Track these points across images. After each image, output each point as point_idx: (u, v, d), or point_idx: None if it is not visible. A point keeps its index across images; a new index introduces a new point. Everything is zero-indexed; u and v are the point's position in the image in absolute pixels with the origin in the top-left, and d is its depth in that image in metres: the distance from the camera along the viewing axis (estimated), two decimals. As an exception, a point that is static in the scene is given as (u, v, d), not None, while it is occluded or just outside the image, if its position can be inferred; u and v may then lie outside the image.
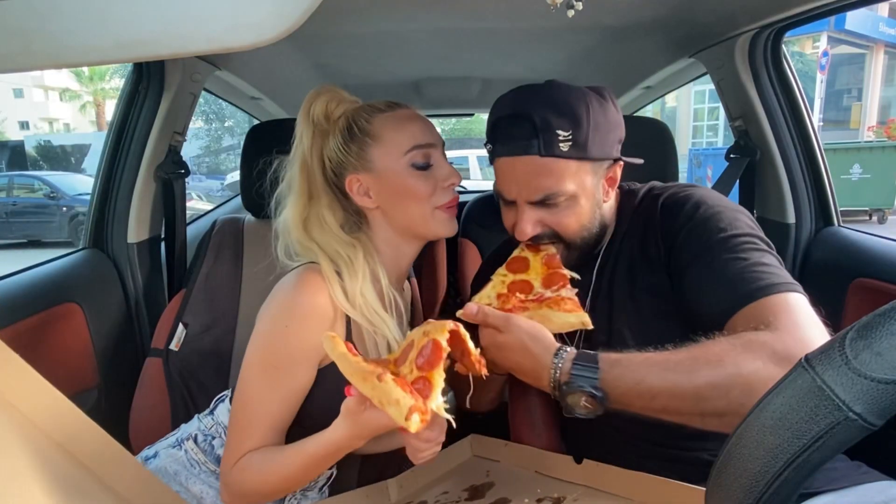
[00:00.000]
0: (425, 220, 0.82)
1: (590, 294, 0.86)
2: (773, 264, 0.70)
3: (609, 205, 0.87)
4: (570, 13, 0.74)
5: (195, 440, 0.87)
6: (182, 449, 0.87)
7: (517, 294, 0.74)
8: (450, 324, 0.61)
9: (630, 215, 0.86)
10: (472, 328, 0.71)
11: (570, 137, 0.73)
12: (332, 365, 0.75)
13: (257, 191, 0.88)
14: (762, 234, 0.75)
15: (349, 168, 0.81)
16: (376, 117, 0.81)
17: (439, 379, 0.57)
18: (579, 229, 0.81)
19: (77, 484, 0.53)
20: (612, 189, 0.84)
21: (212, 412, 0.91)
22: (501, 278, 0.76)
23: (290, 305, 0.74)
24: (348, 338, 0.78)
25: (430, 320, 0.65)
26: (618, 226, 0.87)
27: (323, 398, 0.77)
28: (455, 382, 0.98)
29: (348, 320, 0.78)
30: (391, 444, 0.85)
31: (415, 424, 0.53)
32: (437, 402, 0.56)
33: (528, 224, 0.79)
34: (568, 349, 0.68)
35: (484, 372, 0.64)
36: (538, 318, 0.71)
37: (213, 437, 0.87)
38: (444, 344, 0.59)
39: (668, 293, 0.77)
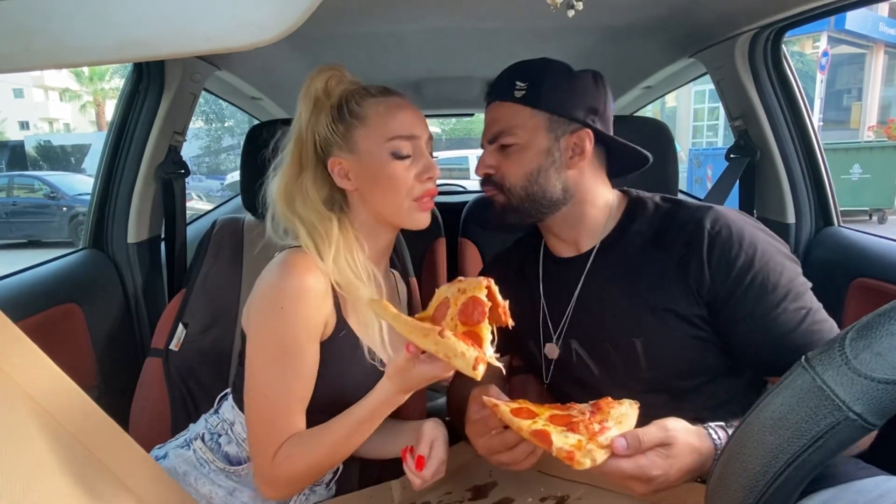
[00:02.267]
0: (399, 211, 0.82)
1: (580, 286, 0.85)
2: (825, 318, 0.74)
3: (597, 190, 0.86)
4: (571, 13, 0.74)
5: (203, 439, 0.87)
6: (191, 449, 0.87)
7: (574, 416, 0.65)
8: (484, 280, 0.65)
9: (649, 222, 0.84)
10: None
11: (525, 87, 0.82)
12: (331, 339, 0.78)
13: (257, 191, 0.88)
14: (801, 270, 0.77)
15: (334, 148, 0.82)
16: (367, 101, 0.82)
17: (487, 332, 0.61)
18: (522, 178, 0.83)
19: (89, 476, 0.53)
20: (581, 158, 0.83)
21: (216, 411, 0.90)
22: (551, 426, 0.63)
23: (280, 288, 0.74)
24: (338, 313, 0.79)
25: (461, 278, 0.67)
26: (628, 226, 0.85)
27: (327, 372, 0.77)
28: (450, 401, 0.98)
29: (335, 297, 0.79)
30: (392, 451, 0.85)
31: (481, 373, 0.57)
32: (489, 352, 0.60)
33: (483, 161, 0.87)
34: (712, 426, 0.66)
35: (510, 322, 0.65)
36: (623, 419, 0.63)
37: (220, 435, 0.87)
38: (485, 299, 0.63)
39: (705, 323, 0.77)
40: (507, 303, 0.66)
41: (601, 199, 0.87)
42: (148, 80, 1.27)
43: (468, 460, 0.87)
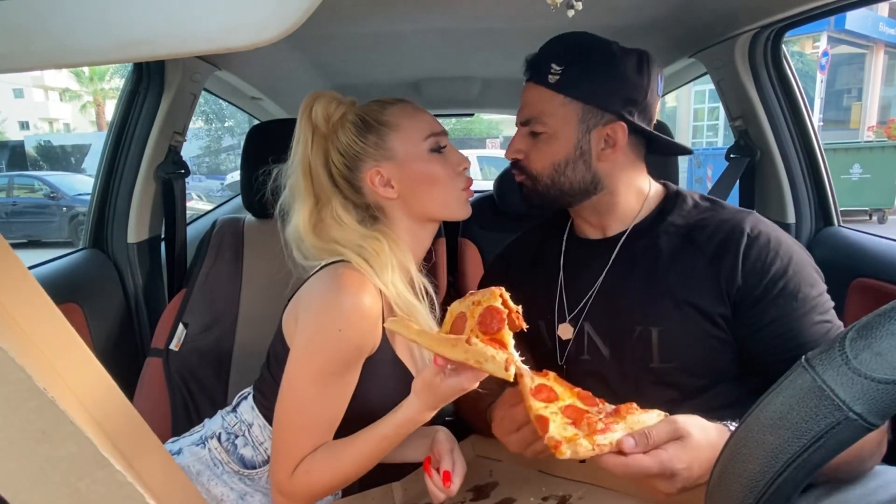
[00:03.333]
0: (449, 204, 0.83)
1: (605, 270, 0.84)
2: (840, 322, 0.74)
3: (630, 180, 0.85)
4: (571, 13, 0.74)
5: (219, 438, 0.86)
6: (206, 447, 0.86)
7: (589, 413, 0.63)
8: (497, 290, 0.65)
9: (686, 217, 0.83)
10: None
11: (560, 72, 0.79)
12: (375, 355, 0.77)
13: (257, 191, 0.88)
14: (824, 285, 0.77)
15: (367, 160, 0.81)
16: (388, 109, 0.82)
17: (509, 337, 0.62)
18: (549, 166, 0.82)
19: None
20: (614, 151, 0.81)
21: (234, 409, 0.89)
22: (558, 416, 0.63)
23: (339, 308, 0.72)
24: (383, 344, 0.78)
25: (473, 291, 0.67)
26: (663, 217, 0.84)
27: (365, 388, 0.77)
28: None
29: (382, 328, 0.78)
30: (400, 456, 0.85)
31: (512, 374, 0.58)
32: (515, 355, 0.60)
33: (513, 145, 0.86)
34: (731, 424, 0.66)
35: (524, 326, 0.65)
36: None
37: (237, 436, 0.86)
38: (502, 307, 0.63)
39: (726, 323, 0.76)
40: (519, 307, 0.66)
41: (634, 187, 0.86)
42: (148, 80, 1.27)
43: (469, 461, 0.87)
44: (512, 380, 0.58)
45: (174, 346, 1.13)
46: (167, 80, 1.27)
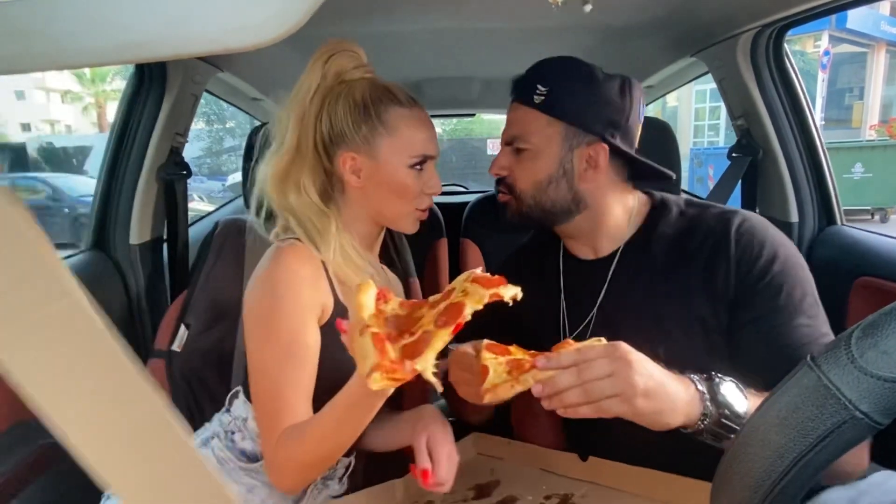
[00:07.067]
0: (399, 216, 0.85)
1: (603, 291, 0.84)
2: (828, 332, 0.73)
3: (613, 200, 0.85)
4: (588, 8, 0.74)
5: (219, 438, 0.87)
6: (208, 447, 0.87)
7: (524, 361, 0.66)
8: (486, 297, 0.56)
9: (674, 226, 0.82)
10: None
11: (545, 93, 0.81)
12: (329, 324, 0.77)
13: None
14: (812, 286, 0.76)
15: (349, 144, 0.81)
16: (395, 110, 0.81)
17: (439, 341, 0.54)
18: (531, 185, 0.83)
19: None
20: (596, 172, 0.82)
21: (228, 409, 0.90)
22: (496, 363, 0.67)
23: (272, 277, 0.74)
24: (337, 307, 0.79)
25: (478, 274, 0.60)
26: (652, 230, 0.83)
27: (327, 358, 0.76)
28: (448, 393, 0.98)
29: (334, 293, 0.79)
30: (398, 442, 0.84)
31: (375, 382, 0.52)
32: (425, 363, 0.53)
33: (498, 161, 0.87)
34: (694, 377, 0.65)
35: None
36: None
37: (234, 433, 0.87)
38: (468, 314, 0.55)
39: (724, 331, 0.75)
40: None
41: (618, 207, 0.85)
42: (150, 81, 1.27)
43: (470, 459, 0.87)
44: (372, 388, 0.52)
45: (176, 347, 1.13)
46: (169, 82, 1.28)
